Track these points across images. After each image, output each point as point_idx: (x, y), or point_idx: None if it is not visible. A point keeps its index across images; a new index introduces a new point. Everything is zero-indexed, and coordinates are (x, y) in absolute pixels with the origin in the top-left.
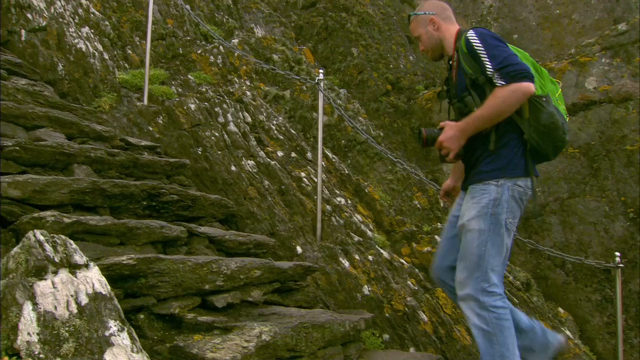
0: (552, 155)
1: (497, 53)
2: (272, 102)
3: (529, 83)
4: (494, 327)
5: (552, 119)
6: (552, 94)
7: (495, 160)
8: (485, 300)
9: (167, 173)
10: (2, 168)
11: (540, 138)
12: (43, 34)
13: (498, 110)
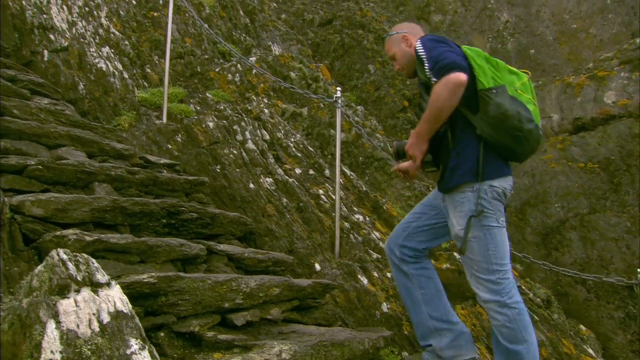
0: (516, 146)
1: (433, 54)
2: (290, 119)
3: (458, 73)
4: (516, 323)
5: (499, 109)
6: (510, 85)
7: (461, 162)
8: (504, 300)
9: (186, 191)
10: (25, 186)
11: (493, 130)
12: (65, 54)
13: (436, 107)
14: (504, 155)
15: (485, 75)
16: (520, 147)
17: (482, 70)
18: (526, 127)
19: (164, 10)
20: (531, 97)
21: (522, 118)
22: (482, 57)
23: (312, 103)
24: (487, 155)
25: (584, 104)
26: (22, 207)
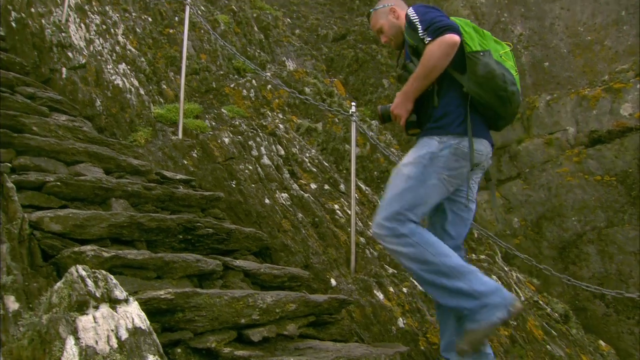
0: (499, 107)
1: (426, 17)
2: (305, 134)
3: (452, 34)
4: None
5: (487, 68)
6: (495, 51)
7: (442, 117)
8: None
9: (202, 206)
10: (44, 202)
11: (479, 89)
12: (82, 71)
13: (428, 65)
14: (487, 117)
15: (473, 40)
16: (503, 109)
17: (470, 36)
18: (510, 89)
19: (179, 27)
20: (513, 65)
21: (506, 80)
22: (469, 26)
23: (326, 118)
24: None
25: (600, 116)
26: (41, 223)
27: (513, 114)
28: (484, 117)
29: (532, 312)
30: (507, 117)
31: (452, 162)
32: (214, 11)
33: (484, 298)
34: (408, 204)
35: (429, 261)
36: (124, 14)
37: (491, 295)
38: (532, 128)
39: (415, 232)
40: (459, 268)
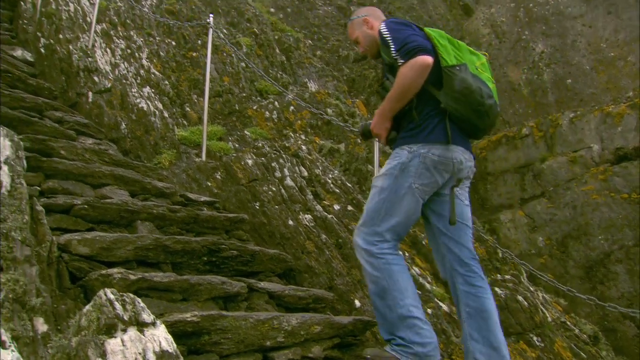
0: (477, 120)
1: (398, 36)
2: (328, 155)
3: (424, 56)
4: (382, 272)
5: (464, 84)
6: (471, 64)
7: (414, 129)
8: (372, 249)
9: (226, 228)
10: (71, 225)
11: (457, 104)
12: (108, 95)
13: (402, 87)
14: (465, 129)
15: (448, 54)
16: (481, 121)
17: (445, 49)
18: (487, 102)
19: (202, 50)
20: (490, 76)
21: (483, 94)
22: (444, 38)
23: (349, 139)
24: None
25: (625, 133)
26: (69, 246)
27: (491, 125)
28: (463, 129)
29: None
30: (485, 129)
31: (421, 170)
32: (236, 34)
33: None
34: (385, 215)
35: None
36: (148, 38)
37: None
38: (555, 146)
39: (383, 256)
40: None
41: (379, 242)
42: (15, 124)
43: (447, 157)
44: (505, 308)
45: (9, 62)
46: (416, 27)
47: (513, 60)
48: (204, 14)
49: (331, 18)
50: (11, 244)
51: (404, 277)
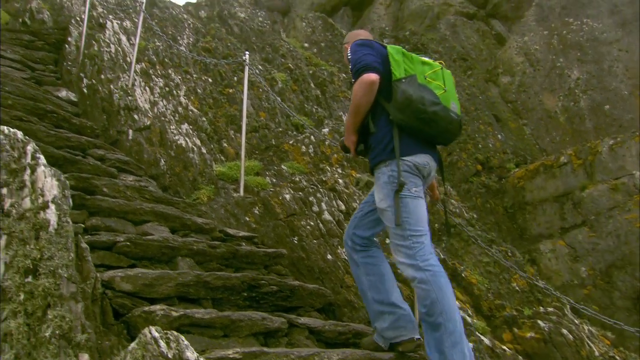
0: (425, 127)
1: (354, 57)
2: (364, 188)
3: (369, 74)
4: (431, 284)
5: (405, 94)
6: (420, 74)
7: (379, 144)
8: (418, 262)
9: (265, 263)
10: (114, 262)
11: (401, 114)
12: (147, 133)
13: (354, 104)
14: (419, 136)
15: (399, 68)
16: (429, 128)
17: (397, 64)
18: (430, 110)
19: (238, 86)
20: (441, 84)
21: (425, 102)
22: (399, 53)
23: None
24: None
25: None
26: (113, 283)
27: (446, 130)
28: (416, 136)
29: None
30: (442, 134)
31: (409, 178)
32: (271, 70)
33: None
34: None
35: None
36: (186, 76)
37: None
38: (595, 174)
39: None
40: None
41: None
42: (61, 163)
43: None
44: (549, 342)
45: (55, 103)
46: (378, 45)
47: (548, 88)
48: (240, 51)
49: None
50: (58, 281)
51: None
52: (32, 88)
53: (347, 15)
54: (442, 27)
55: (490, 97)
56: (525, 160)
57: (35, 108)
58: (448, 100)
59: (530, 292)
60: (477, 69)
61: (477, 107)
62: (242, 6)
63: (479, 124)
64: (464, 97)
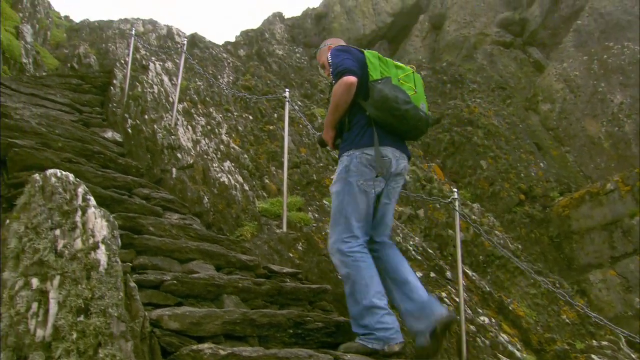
0: (397, 123)
1: (335, 60)
2: (407, 222)
3: (347, 76)
4: (351, 268)
5: (381, 93)
6: (394, 77)
7: (348, 137)
8: (343, 248)
9: (309, 299)
10: (162, 300)
11: (377, 111)
12: (190, 171)
13: (333, 103)
14: (392, 132)
15: (375, 70)
16: (401, 124)
17: (374, 67)
18: (402, 107)
19: (278, 123)
20: (412, 86)
21: (398, 100)
22: (375, 57)
23: (427, 204)
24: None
25: None
26: (161, 321)
27: (415, 127)
28: (390, 132)
29: None
30: (412, 130)
31: (362, 169)
32: (310, 105)
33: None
34: (346, 217)
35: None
36: (227, 114)
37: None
38: None
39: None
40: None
41: (348, 241)
42: (108, 203)
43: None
44: None
45: (101, 144)
46: (356, 50)
47: (590, 114)
48: (279, 88)
49: None
50: (108, 320)
51: (369, 273)
52: (80, 130)
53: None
54: (479, 57)
55: (530, 125)
56: (569, 188)
57: (84, 149)
58: (418, 101)
59: (581, 324)
60: (516, 98)
61: (517, 136)
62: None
63: (520, 153)
64: (504, 127)
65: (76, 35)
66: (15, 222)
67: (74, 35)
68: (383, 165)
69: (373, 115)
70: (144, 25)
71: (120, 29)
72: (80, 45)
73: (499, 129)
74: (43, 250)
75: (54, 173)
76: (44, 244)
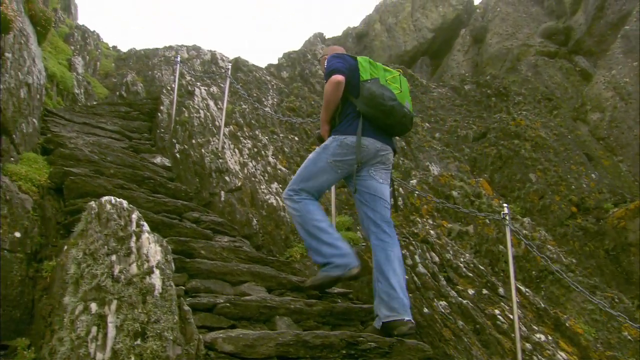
0: (384, 117)
1: (328, 65)
2: (457, 238)
3: (335, 75)
4: (300, 209)
5: (369, 91)
6: (382, 78)
7: (337, 127)
8: (293, 197)
9: (361, 319)
10: (215, 323)
11: (366, 106)
12: (239, 193)
13: (325, 100)
14: (378, 125)
15: (366, 72)
16: (387, 118)
17: (364, 69)
18: (388, 104)
19: None
20: (398, 86)
21: (384, 97)
22: (367, 61)
23: (477, 220)
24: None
25: None
26: (215, 344)
27: (400, 122)
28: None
29: None
30: (397, 125)
31: (337, 150)
32: None
33: (330, 258)
34: (302, 178)
35: (305, 224)
36: (272, 136)
37: (335, 257)
38: None
39: (301, 201)
40: (321, 234)
41: (298, 193)
42: (160, 228)
43: (359, 143)
44: None
45: (151, 169)
46: (348, 56)
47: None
48: None
49: (446, 99)
50: (164, 344)
51: (318, 211)
52: (130, 156)
53: (425, 65)
54: (523, 68)
55: (579, 135)
56: (624, 199)
57: (134, 175)
58: (403, 99)
59: None
60: (563, 108)
61: (566, 147)
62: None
63: (570, 165)
64: (552, 138)
65: (124, 64)
66: (74, 248)
67: (121, 65)
68: (359, 152)
69: (362, 110)
70: (188, 51)
71: (165, 56)
72: (128, 73)
73: (546, 140)
74: (100, 276)
75: (109, 200)
76: (102, 270)
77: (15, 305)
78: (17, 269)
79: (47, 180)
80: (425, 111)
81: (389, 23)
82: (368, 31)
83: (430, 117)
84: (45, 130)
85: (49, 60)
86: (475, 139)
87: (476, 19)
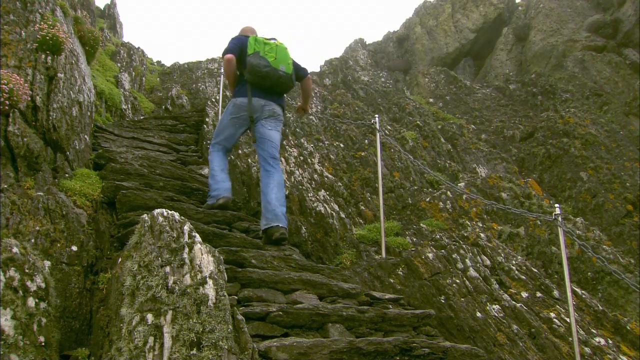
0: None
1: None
2: (507, 240)
3: (227, 55)
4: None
5: (249, 62)
6: (262, 51)
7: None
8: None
9: (413, 325)
10: (268, 331)
11: (249, 74)
12: (287, 202)
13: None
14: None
15: (251, 48)
16: (265, 81)
17: (250, 46)
18: (263, 70)
19: (369, 149)
20: (274, 55)
21: (260, 66)
22: (253, 39)
23: (528, 221)
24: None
25: None
26: (269, 353)
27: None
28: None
29: None
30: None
31: (232, 110)
32: (400, 129)
33: (211, 192)
34: (215, 134)
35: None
36: (318, 143)
37: (212, 191)
38: None
39: (212, 152)
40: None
41: (214, 146)
42: (210, 238)
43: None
44: None
45: (199, 181)
46: (244, 37)
47: None
48: (367, 114)
49: (491, 100)
50: (220, 353)
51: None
52: (178, 169)
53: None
54: (569, 64)
55: (632, 131)
56: None
57: (183, 187)
58: (277, 65)
59: None
60: (613, 103)
61: (618, 144)
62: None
63: (623, 161)
64: (602, 135)
65: (168, 78)
66: (129, 260)
67: (166, 79)
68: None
69: (247, 78)
70: None
71: (209, 68)
72: (173, 87)
73: (597, 137)
74: (155, 287)
75: (161, 212)
76: (156, 281)
77: (74, 316)
78: (75, 281)
79: (100, 194)
80: (470, 112)
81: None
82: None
83: (476, 119)
84: (96, 146)
85: (98, 78)
86: (523, 139)
87: (518, 17)
